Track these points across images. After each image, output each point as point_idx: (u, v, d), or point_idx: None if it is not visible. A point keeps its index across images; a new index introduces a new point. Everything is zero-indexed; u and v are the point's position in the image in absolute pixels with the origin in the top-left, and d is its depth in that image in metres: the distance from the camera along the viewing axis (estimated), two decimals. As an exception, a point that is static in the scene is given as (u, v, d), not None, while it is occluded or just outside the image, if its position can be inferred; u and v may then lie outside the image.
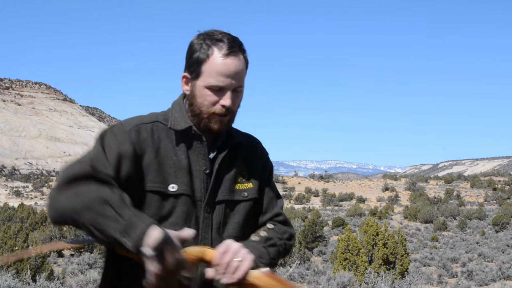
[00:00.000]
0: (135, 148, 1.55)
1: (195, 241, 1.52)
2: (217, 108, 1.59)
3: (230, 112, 1.61)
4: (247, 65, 1.64)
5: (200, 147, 1.63)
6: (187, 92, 1.64)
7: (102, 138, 1.56)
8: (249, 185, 1.70)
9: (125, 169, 1.52)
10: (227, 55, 1.57)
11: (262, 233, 1.65)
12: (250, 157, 1.74)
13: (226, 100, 1.58)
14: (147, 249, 1.32)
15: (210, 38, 1.59)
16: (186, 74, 1.63)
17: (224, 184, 1.65)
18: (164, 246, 1.32)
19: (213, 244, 1.58)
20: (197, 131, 1.63)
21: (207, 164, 1.62)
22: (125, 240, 1.34)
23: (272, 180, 1.82)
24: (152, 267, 1.33)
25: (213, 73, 1.57)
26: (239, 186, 1.67)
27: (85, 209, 1.38)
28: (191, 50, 1.61)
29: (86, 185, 1.42)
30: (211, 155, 1.65)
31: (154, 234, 1.33)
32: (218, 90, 1.58)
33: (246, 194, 1.68)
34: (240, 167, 1.70)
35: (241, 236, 1.64)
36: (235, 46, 1.59)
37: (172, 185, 1.57)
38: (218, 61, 1.56)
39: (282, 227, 1.71)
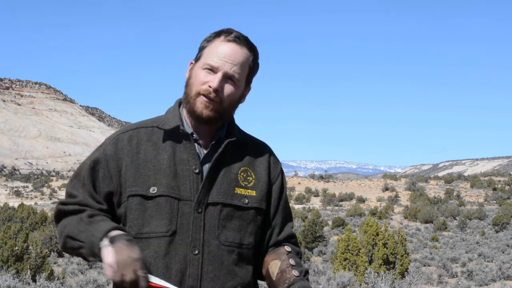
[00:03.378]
0: (109, 161, 1.61)
1: (184, 245, 1.56)
2: (203, 88, 1.56)
3: (218, 98, 1.56)
4: (253, 63, 1.64)
5: (190, 146, 1.60)
6: (187, 77, 1.65)
7: (91, 155, 1.68)
8: (252, 192, 1.62)
9: (114, 181, 1.61)
10: (229, 40, 1.59)
11: (292, 261, 1.60)
12: (257, 164, 1.67)
13: (214, 81, 1.55)
14: (104, 242, 1.44)
15: (222, 31, 1.63)
16: (192, 61, 1.66)
17: (220, 186, 1.58)
18: (119, 239, 1.42)
19: (204, 246, 1.55)
20: (185, 130, 1.60)
21: (197, 164, 1.58)
22: (96, 259, 1.48)
23: (287, 196, 1.75)
24: (106, 257, 1.41)
25: (210, 54, 1.59)
26: (240, 191, 1.60)
27: (66, 249, 1.59)
28: (202, 42, 1.65)
29: (62, 221, 1.61)
30: (204, 154, 1.62)
31: (112, 233, 1.45)
32: (211, 70, 1.57)
33: (246, 201, 1.60)
34: (244, 172, 1.63)
35: (239, 243, 1.59)
36: (240, 38, 1.60)
37: (152, 187, 1.56)
38: (217, 43, 1.59)
39: (295, 248, 1.69)
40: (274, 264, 1.60)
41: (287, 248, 1.64)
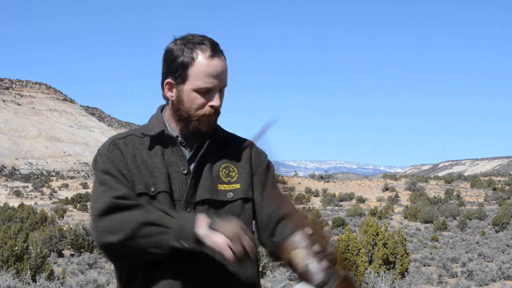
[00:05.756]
0: (121, 161, 1.62)
1: None
2: (207, 110, 1.62)
3: (217, 112, 1.65)
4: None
5: (176, 149, 1.66)
6: (172, 98, 1.66)
7: (98, 170, 1.63)
8: (236, 186, 1.67)
9: (129, 181, 1.61)
10: (212, 56, 1.60)
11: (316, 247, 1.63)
12: (239, 158, 1.72)
13: (216, 101, 1.62)
14: (202, 231, 1.45)
15: (190, 42, 1.62)
16: (169, 80, 1.64)
17: (205, 184, 1.64)
18: (216, 222, 1.46)
19: None
20: (170, 134, 1.66)
21: (184, 165, 1.64)
22: (183, 243, 1.46)
23: (276, 182, 1.75)
24: (217, 240, 1.43)
25: (200, 75, 1.60)
26: (224, 187, 1.65)
27: (133, 238, 1.49)
28: (171, 56, 1.63)
29: (120, 215, 1.51)
30: (189, 155, 1.67)
31: (202, 220, 1.46)
32: (206, 92, 1.62)
33: (231, 195, 1.66)
34: (226, 168, 1.69)
35: None
36: (217, 48, 1.62)
37: (152, 187, 1.61)
38: (204, 63, 1.59)
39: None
40: (296, 254, 1.58)
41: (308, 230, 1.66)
